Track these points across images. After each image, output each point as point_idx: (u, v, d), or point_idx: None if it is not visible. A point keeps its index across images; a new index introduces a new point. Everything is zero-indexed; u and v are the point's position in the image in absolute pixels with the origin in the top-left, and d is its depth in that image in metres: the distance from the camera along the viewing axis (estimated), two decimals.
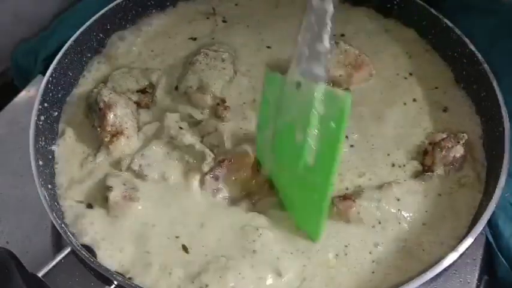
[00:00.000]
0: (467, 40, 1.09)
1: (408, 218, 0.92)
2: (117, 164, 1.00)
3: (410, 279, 0.83)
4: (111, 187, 0.94)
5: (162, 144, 1.00)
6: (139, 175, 0.97)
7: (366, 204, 0.92)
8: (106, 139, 1.00)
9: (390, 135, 1.03)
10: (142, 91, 1.10)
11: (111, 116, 1.00)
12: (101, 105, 1.01)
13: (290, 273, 0.87)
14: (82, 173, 1.00)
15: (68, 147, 1.04)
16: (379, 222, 0.91)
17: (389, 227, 0.91)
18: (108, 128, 1.00)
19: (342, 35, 1.17)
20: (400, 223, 0.92)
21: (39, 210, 0.89)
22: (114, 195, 0.93)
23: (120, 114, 1.01)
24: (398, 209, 0.92)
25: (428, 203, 0.95)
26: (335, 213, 0.91)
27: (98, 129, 1.02)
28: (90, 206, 0.96)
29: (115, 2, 1.20)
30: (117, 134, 1.01)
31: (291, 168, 0.86)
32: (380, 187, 0.95)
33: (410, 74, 1.13)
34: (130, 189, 0.95)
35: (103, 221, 0.93)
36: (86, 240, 0.91)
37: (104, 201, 0.95)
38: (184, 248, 0.90)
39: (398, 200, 0.93)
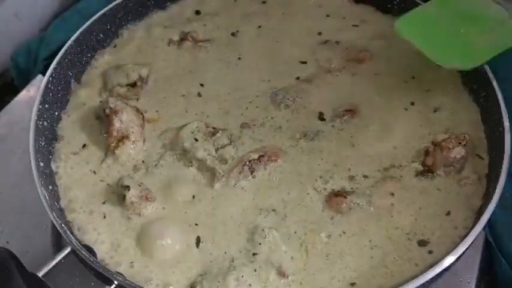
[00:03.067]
0: None
1: (402, 213, 0.93)
2: (127, 171, 1.01)
3: (410, 279, 0.83)
4: (128, 186, 0.95)
5: (175, 155, 1.01)
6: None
7: (357, 200, 0.94)
8: (112, 144, 1.01)
9: (395, 142, 1.03)
10: (132, 85, 1.12)
11: (116, 121, 1.01)
12: (107, 111, 1.02)
13: (293, 273, 0.88)
14: (90, 180, 1.00)
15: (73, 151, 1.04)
16: (372, 216, 0.93)
17: (383, 219, 0.93)
18: (114, 133, 1.01)
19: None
20: (392, 217, 0.93)
21: (39, 210, 0.89)
22: (131, 195, 0.94)
23: (126, 120, 1.02)
24: (392, 204, 0.94)
25: (426, 200, 0.95)
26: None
27: (105, 135, 1.02)
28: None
29: (115, 2, 1.20)
30: (122, 138, 1.01)
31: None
32: (376, 183, 0.96)
33: (413, 78, 1.12)
34: (146, 189, 0.96)
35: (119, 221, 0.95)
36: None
37: (116, 204, 0.96)
38: (197, 241, 0.92)
39: (392, 195, 0.95)
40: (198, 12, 1.27)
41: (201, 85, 1.13)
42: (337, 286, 0.87)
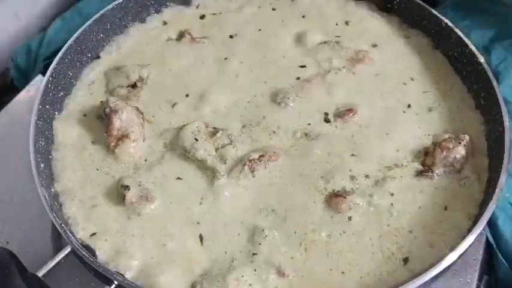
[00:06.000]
0: (467, 40, 1.09)
1: (401, 213, 0.94)
2: (127, 170, 1.01)
3: (410, 279, 0.83)
4: (127, 186, 0.95)
5: (176, 156, 1.01)
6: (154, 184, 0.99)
7: (357, 200, 0.94)
8: (112, 143, 1.01)
9: (395, 142, 1.03)
10: (132, 86, 1.13)
11: (117, 120, 1.01)
12: (107, 111, 1.02)
13: (293, 272, 0.88)
14: (90, 179, 1.00)
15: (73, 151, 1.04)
16: (372, 216, 0.93)
17: (383, 220, 0.93)
18: (115, 132, 1.01)
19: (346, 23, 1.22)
20: (392, 216, 0.93)
21: (39, 210, 0.89)
22: (130, 195, 0.94)
23: (126, 119, 1.02)
24: (391, 203, 0.94)
25: (426, 200, 0.95)
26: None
27: (105, 134, 1.02)
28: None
29: (115, 2, 1.20)
30: (122, 137, 1.01)
31: None
32: (376, 183, 0.97)
33: (412, 79, 1.12)
34: (146, 189, 0.97)
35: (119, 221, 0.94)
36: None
37: (117, 204, 0.96)
38: (200, 239, 0.92)
39: (392, 194, 0.95)
40: (201, 16, 1.27)
41: (200, 85, 1.13)
42: (332, 277, 0.88)
